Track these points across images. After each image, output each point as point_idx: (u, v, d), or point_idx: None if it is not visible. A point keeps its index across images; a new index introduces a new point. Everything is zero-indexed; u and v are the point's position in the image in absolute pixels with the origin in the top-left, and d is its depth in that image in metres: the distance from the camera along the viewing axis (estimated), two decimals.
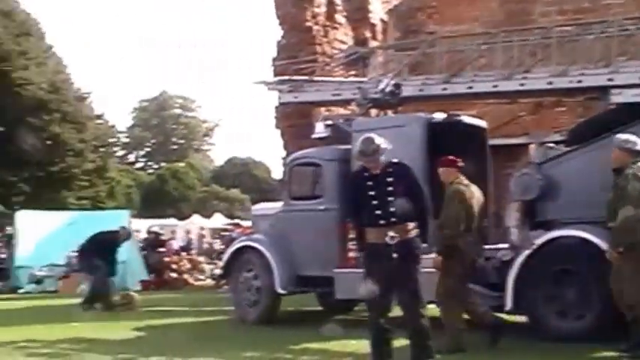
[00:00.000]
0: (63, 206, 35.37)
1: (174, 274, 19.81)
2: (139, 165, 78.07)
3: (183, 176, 64.09)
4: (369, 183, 6.43)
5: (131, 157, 78.87)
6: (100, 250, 13.64)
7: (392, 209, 6.31)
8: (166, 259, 20.35)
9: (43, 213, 21.87)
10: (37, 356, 8.54)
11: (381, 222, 6.32)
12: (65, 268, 17.84)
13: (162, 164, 73.97)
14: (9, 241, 20.68)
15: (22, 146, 39.46)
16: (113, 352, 8.66)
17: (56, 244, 18.35)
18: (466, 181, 8.31)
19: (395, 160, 6.55)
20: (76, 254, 14.71)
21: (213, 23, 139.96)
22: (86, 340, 9.75)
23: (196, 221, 36.32)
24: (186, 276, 20.08)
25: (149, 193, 60.23)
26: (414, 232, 6.39)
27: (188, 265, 21.06)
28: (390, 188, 6.35)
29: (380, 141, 6.42)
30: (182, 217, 40.10)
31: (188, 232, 32.09)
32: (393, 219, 6.30)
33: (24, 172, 40.76)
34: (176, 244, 24.42)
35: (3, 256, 20.85)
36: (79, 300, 13.83)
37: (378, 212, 6.33)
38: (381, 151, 6.39)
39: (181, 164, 69.18)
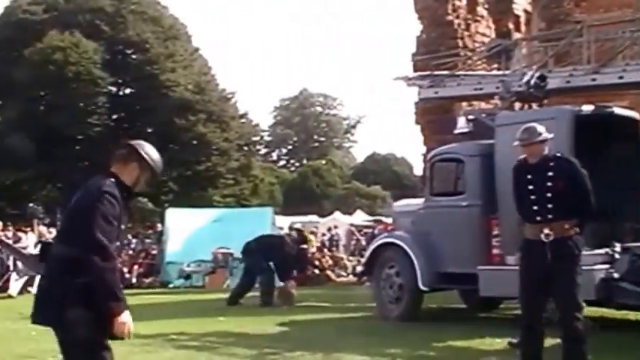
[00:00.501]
0: (209, 204, 36.56)
1: (316, 271, 20.00)
2: (281, 163, 79.54)
3: (324, 173, 64.73)
4: (528, 177, 6.17)
5: (274, 155, 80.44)
6: (266, 252, 13.87)
7: (549, 205, 6.02)
8: (308, 255, 20.57)
9: (191, 210, 22.63)
10: (187, 349, 8.80)
11: (538, 218, 6.05)
12: (212, 264, 18.35)
13: (304, 162, 75.01)
14: (159, 237, 21.48)
15: (169, 146, 40.97)
16: (259, 347, 8.82)
17: (203, 240, 18.91)
18: None
19: (558, 154, 6.28)
20: (243, 254, 14.98)
21: (352, 19, 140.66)
22: (233, 334, 9.98)
23: (338, 218, 36.55)
24: (328, 272, 20.24)
25: (291, 190, 61.21)
26: (572, 231, 6.04)
27: (330, 262, 21.23)
28: (550, 183, 6.05)
29: (541, 130, 6.17)
30: (324, 214, 40.51)
31: (330, 229, 32.37)
32: (550, 215, 6.01)
33: (172, 171, 42.26)
34: (318, 241, 24.65)
35: (154, 252, 21.70)
36: (225, 295, 14.18)
37: (535, 208, 6.07)
38: (541, 140, 6.15)
39: (323, 161, 69.88)
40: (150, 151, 4.58)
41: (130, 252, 22.46)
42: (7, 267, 19.88)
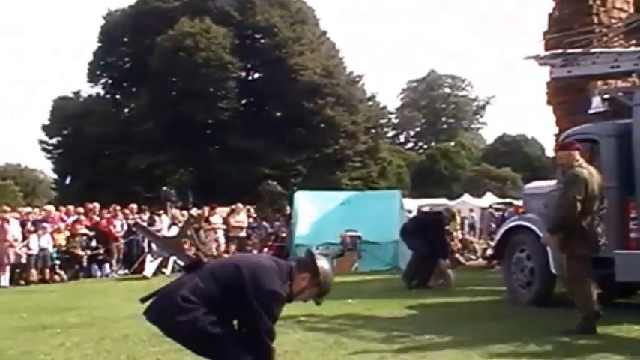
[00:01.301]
0: (337, 187, 36.77)
1: None
2: (409, 145, 79.17)
3: (453, 156, 64.00)
4: None
5: (402, 138, 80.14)
6: (422, 231, 13.89)
7: None
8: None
9: (319, 193, 22.82)
10: (316, 330, 8.88)
11: None
12: (340, 247, 18.45)
13: (432, 144, 74.39)
14: (288, 220, 21.78)
15: (298, 130, 41.46)
16: (387, 330, 8.81)
17: (331, 223, 19.05)
18: (585, 164, 8.28)
19: None
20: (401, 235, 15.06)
21: None
22: (361, 317, 10.02)
23: (467, 201, 36.03)
24: (457, 255, 20.01)
25: (419, 173, 60.87)
26: None
27: (459, 245, 20.97)
28: None
29: None
30: (453, 197, 40.03)
31: (459, 211, 31.97)
32: None
33: (301, 154, 42.77)
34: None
35: (283, 235, 22.02)
36: (353, 278, 14.24)
37: None
38: None
39: (451, 143, 69.09)
40: (326, 269, 4.65)
41: (260, 235, 22.89)
42: (142, 249, 20.68)
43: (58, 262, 19.33)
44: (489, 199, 36.83)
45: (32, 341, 8.92)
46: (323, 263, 4.63)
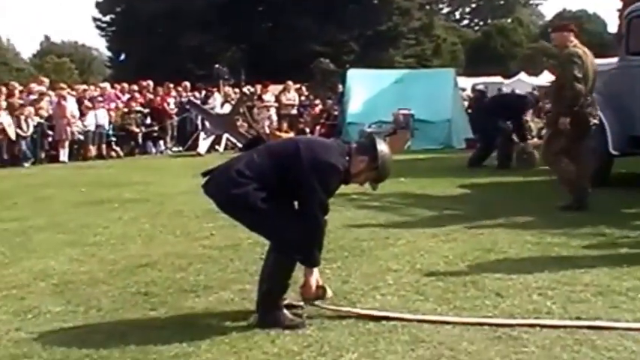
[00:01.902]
0: (390, 65, 36.30)
1: None
2: (464, 22, 77.37)
3: (510, 32, 62.44)
4: None
5: (457, 15, 78.27)
6: (504, 112, 13.70)
7: None
8: None
9: (372, 71, 22.55)
10: (368, 208, 8.93)
11: None
12: (392, 126, 18.33)
13: (489, 21, 72.57)
14: (340, 98, 21.66)
15: (350, 6, 40.64)
16: (438, 208, 8.83)
17: (383, 101, 18.86)
18: (580, 45, 8.29)
19: None
20: (475, 113, 14.94)
21: None
22: (413, 195, 10.03)
23: (523, 79, 35.35)
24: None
25: (474, 50, 59.64)
26: None
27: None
28: None
29: None
30: (508, 75, 39.30)
31: (513, 90, 31.44)
32: None
33: (353, 31, 42.10)
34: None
35: (335, 113, 21.96)
36: (405, 157, 14.19)
37: None
38: None
39: (508, 20, 67.28)
40: (385, 155, 4.54)
41: (312, 113, 22.86)
42: (195, 126, 20.85)
43: (114, 138, 19.64)
44: (546, 77, 36.06)
45: (91, 215, 9.15)
46: (383, 148, 4.55)
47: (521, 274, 5.45)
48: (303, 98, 23.63)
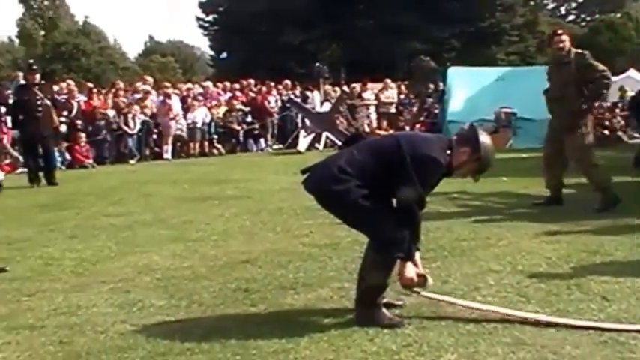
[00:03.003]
0: (492, 62, 35.71)
1: (606, 132, 19.02)
2: (570, 18, 75.37)
3: (618, 27, 60.42)
4: None
5: (562, 10, 76.34)
6: None
7: None
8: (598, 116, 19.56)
9: (473, 69, 22.22)
10: (468, 207, 8.83)
11: None
12: (494, 124, 18.04)
13: (596, 16, 70.49)
14: (441, 96, 21.45)
15: (451, 2, 40.14)
16: (541, 207, 8.67)
17: (485, 99, 18.58)
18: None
19: None
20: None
21: None
22: (515, 195, 9.88)
23: (633, 75, 34.16)
24: (619, 133, 19.18)
25: (581, 46, 57.16)
26: None
27: (622, 122, 20.05)
28: None
29: None
30: (617, 72, 38.02)
31: (621, 87, 30.40)
32: None
33: (454, 28, 41.61)
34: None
35: (436, 111, 21.76)
36: (507, 156, 13.94)
37: None
38: None
39: (617, 15, 65.18)
40: (487, 145, 4.50)
41: (412, 110, 22.73)
42: (295, 124, 21.02)
43: (215, 136, 20.02)
44: None
45: (193, 211, 9.35)
46: (485, 139, 4.49)
47: (628, 277, 5.26)
48: (402, 96, 23.51)
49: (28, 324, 4.76)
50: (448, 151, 4.45)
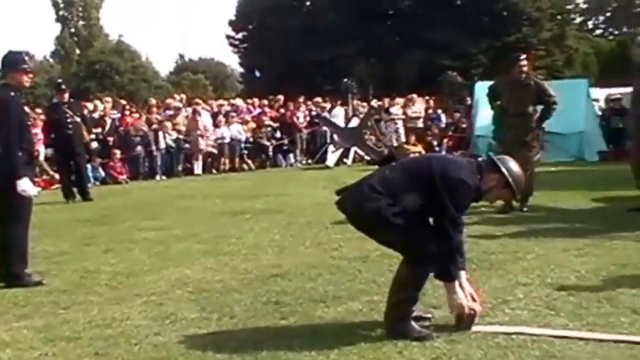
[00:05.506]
0: None
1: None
2: (598, 32, 74.89)
3: None
4: None
5: (589, 24, 75.87)
6: None
7: None
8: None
9: None
10: (495, 221, 8.81)
11: None
12: None
13: (624, 29, 69.99)
14: (470, 111, 21.44)
15: (479, 18, 40.04)
16: (570, 221, 8.66)
17: None
18: None
19: None
20: None
21: None
22: (544, 209, 9.90)
23: None
24: None
25: (609, 60, 57.52)
26: None
27: None
28: None
29: None
30: None
31: None
32: None
33: (482, 43, 41.52)
34: None
35: (464, 125, 21.75)
36: (536, 169, 13.86)
37: None
38: None
39: None
40: (515, 173, 4.61)
41: (440, 126, 22.73)
42: (324, 139, 21.14)
43: (245, 151, 20.18)
44: None
45: (224, 226, 9.46)
46: (511, 166, 4.59)
47: None
48: (430, 111, 23.53)
49: (65, 336, 4.86)
50: (478, 176, 4.53)
